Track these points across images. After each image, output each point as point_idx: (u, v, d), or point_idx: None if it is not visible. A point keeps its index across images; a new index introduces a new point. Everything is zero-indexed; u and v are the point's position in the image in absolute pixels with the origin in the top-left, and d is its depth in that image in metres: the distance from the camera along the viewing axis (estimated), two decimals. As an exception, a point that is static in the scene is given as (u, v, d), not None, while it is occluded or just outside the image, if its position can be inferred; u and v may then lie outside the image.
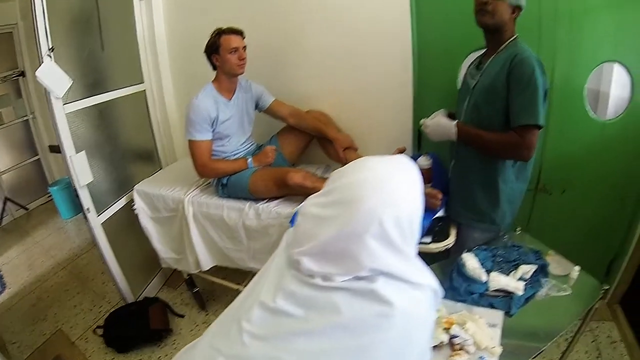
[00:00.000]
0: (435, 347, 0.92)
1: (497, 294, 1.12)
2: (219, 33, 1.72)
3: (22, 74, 3.90)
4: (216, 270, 2.05)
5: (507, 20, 1.27)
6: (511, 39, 1.31)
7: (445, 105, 1.53)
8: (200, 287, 2.31)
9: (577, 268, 1.20)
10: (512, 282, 1.13)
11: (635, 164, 1.70)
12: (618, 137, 1.67)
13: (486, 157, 1.36)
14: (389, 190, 0.49)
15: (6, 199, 4.02)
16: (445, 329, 0.96)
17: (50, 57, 1.65)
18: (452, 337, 0.94)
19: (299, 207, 1.55)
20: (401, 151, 1.59)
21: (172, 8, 2.23)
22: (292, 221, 1.57)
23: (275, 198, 1.74)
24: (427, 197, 1.42)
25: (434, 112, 1.49)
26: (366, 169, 0.52)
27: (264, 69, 2.00)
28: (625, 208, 1.79)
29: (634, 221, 1.78)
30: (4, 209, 4.02)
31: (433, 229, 1.47)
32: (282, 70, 2.03)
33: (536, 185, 1.79)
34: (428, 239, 1.43)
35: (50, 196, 3.83)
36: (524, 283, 1.14)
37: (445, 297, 1.11)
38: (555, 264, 1.25)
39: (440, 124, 1.39)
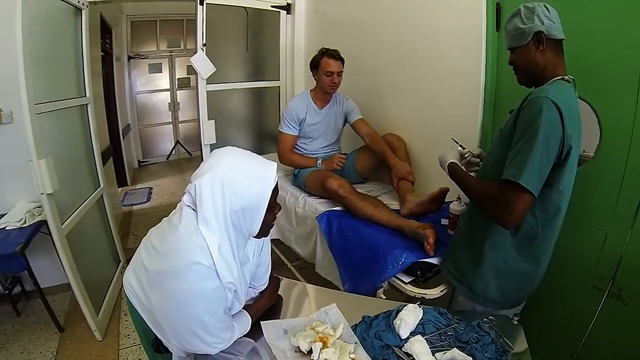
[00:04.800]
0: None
1: (405, 357, 0.92)
2: (323, 53, 1.87)
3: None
4: (276, 244, 2.28)
5: (535, 60, 1.04)
6: (554, 79, 1.03)
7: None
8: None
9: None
10: (426, 356, 0.90)
11: None
12: None
13: (479, 212, 1.13)
14: (215, 164, 0.82)
15: (177, 142, 5.36)
16: (313, 342, 0.91)
17: (203, 49, 2.16)
18: (309, 352, 0.90)
19: (328, 209, 1.69)
20: (443, 191, 1.54)
21: (313, 25, 2.62)
22: (320, 219, 1.66)
23: (323, 197, 1.82)
24: (418, 234, 1.35)
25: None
26: (220, 152, 0.86)
27: (361, 89, 2.21)
28: None
29: None
30: (173, 149, 5.37)
31: (416, 270, 1.30)
32: (374, 95, 2.18)
33: (609, 286, 1.29)
34: (407, 278, 1.30)
35: (209, 150, 4.85)
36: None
37: (357, 328, 1.01)
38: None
39: (443, 156, 1.24)
